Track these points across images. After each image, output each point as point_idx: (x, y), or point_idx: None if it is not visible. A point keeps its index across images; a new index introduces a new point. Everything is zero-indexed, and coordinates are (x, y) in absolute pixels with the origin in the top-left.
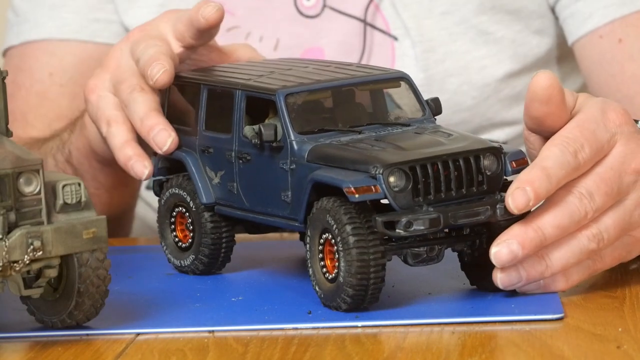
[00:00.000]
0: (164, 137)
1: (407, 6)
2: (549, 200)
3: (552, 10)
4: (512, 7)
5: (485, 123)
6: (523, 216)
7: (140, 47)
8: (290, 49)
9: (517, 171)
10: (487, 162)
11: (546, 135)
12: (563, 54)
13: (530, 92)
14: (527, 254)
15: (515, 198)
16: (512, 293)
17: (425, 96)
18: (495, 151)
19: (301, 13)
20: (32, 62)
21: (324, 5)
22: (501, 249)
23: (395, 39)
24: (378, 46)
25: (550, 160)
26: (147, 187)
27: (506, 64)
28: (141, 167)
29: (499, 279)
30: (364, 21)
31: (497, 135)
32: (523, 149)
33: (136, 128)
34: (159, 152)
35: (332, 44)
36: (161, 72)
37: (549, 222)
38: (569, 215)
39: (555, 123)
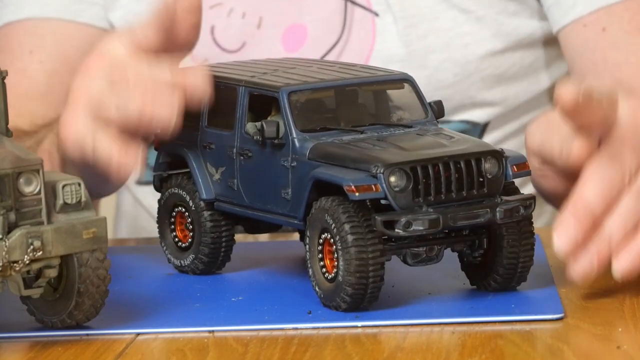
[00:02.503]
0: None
1: None
2: (584, 179)
3: None
4: None
5: (466, 101)
6: (518, 220)
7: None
8: (273, 26)
9: (517, 175)
10: (488, 165)
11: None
12: (549, 39)
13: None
14: (582, 228)
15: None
16: (512, 293)
17: (408, 72)
18: (497, 154)
19: None
20: (14, 42)
21: None
22: (559, 232)
23: (376, 14)
24: (358, 22)
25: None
26: (138, 183)
27: (489, 42)
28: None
29: (575, 273)
30: None
31: (477, 115)
32: (504, 132)
33: (138, 120)
34: (166, 125)
35: (315, 22)
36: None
37: (589, 192)
38: (608, 181)
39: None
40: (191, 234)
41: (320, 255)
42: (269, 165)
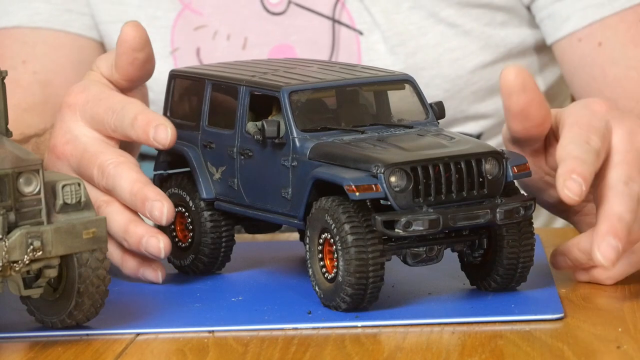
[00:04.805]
0: (159, 208)
1: (375, 1)
2: (602, 200)
3: (528, 8)
4: (478, 2)
5: (459, 115)
6: (519, 221)
7: (107, 114)
8: (259, 46)
9: (518, 176)
10: (488, 166)
11: (535, 138)
12: (541, 45)
13: (503, 89)
14: (624, 247)
15: (570, 187)
16: (512, 293)
17: None
18: (497, 155)
19: (267, 10)
20: (4, 50)
21: (289, 2)
22: (605, 248)
23: (361, 33)
24: (344, 41)
25: (574, 150)
26: None
27: (478, 55)
28: (155, 243)
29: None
30: (332, 18)
31: (471, 128)
32: (497, 141)
33: (128, 204)
34: (162, 223)
35: (302, 42)
36: (170, 134)
37: (622, 210)
38: (630, 199)
39: (539, 114)
40: (191, 234)
41: (320, 255)
42: (270, 164)
